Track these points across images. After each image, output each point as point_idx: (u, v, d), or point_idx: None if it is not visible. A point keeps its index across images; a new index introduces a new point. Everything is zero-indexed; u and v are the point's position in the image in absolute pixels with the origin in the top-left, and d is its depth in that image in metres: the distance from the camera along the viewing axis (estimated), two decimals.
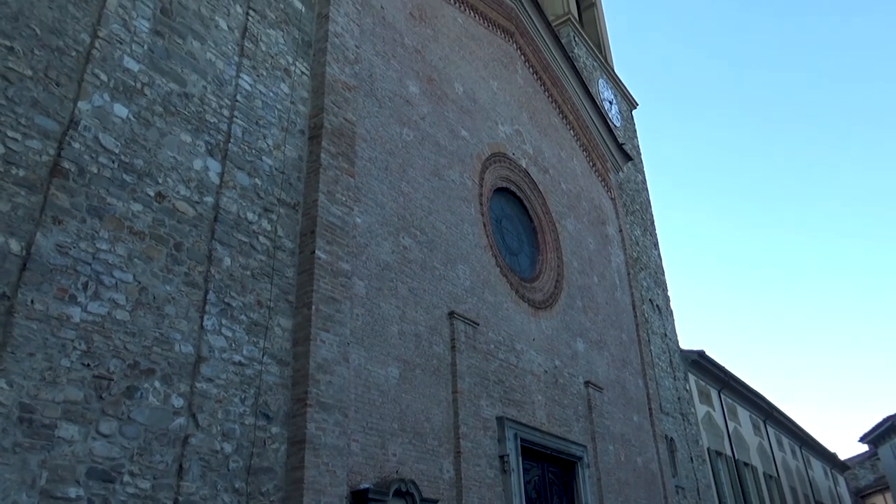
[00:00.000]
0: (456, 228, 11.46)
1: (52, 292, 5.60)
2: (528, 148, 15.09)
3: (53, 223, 5.79)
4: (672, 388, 18.98)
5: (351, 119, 9.61)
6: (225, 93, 8.08)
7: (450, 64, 13.15)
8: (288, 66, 9.18)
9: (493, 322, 11.57)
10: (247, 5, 8.88)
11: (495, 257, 12.34)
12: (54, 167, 5.96)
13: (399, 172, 10.51)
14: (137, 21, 7.23)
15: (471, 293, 11.22)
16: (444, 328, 10.25)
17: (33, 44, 6.16)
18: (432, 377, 9.64)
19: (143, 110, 6.97)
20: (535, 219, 14.66)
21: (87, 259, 5.95)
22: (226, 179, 7.64)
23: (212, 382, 6.65)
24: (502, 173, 13.86)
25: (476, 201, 12.40)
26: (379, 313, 9.06)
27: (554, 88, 17.47)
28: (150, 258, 6.52)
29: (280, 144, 8.57)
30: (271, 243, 7.94)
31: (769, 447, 26.69)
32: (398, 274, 9.69)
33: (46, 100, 6.12)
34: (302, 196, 8.60)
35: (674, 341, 20.70)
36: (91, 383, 5.67)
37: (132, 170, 6.64)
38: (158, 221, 6.73)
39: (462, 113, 12.94)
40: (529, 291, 13.13)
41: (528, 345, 12.30)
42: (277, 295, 7.76)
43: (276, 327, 7.60)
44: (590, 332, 14.78)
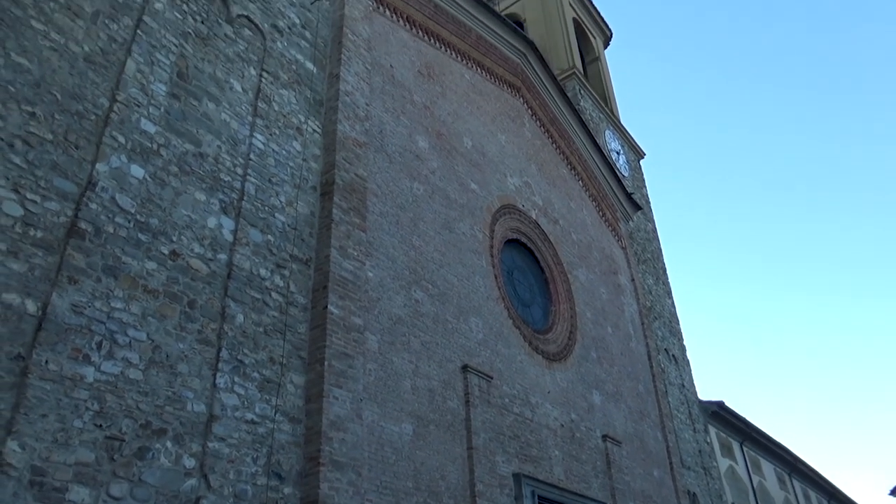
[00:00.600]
0: (468, 281, 11.45)
1: (67, 352, 5.60)
2: (538, 199, 15.19)
3: (69, 283, 5.83)
4: (692, 440, 18.53)
5: (362, 175, 9.74)
6: (239, 152, 8.23)
7: (458, 119, 13.38)
8: (300, 124, 9.37)
9: (507, 375, 11.43)
10: (260, 67, 9.13)
11: (508, 309, 12.28)
12: (71, 228, 6.05)
13: (410, 226, 10.57)
14: (155, 85, 7.43)
15: (484, 346, 11.13)
16: (457, 382, 10.13)
17: (54, 108, 6.33)
18: (447, 433, 9.47)
19: (159, 170, 7.10)
20: (547, 270, 14.64)
21: (101, 318, 5.97)
22: (239, 236, 7.71)
23: (224, 442, 6.56)
24: (512, 225, 13.92)
25: (487, 253, 12.42)
26: (392, 368, 8.98)
27: (561, 140, 17.69)
28: (164, 316, 6.54)
29: (292, 201, 8.68)
30: (284, 299, 7.95)
31: (796, 502, 25.82)
32: (410, 328, 9.64)
33: (66, 162, 6.25)
34: (314, 251, 8.65)
35: (692, 392, 20.32)
36: (103, 444, 5.61)
37: (147, 229, 6.73)
38: (172, 279, 6.77)
39: (471, 166, 13.09)
40: (543, 343, 13.00)
41: (543, 398, 12.11)
42: (290, 351, 7.72)
43: (289, 384, 7.54)
44: (605, 384, 14.55)
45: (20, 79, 6.14)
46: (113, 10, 7.33)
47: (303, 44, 10.12)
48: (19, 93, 6.08)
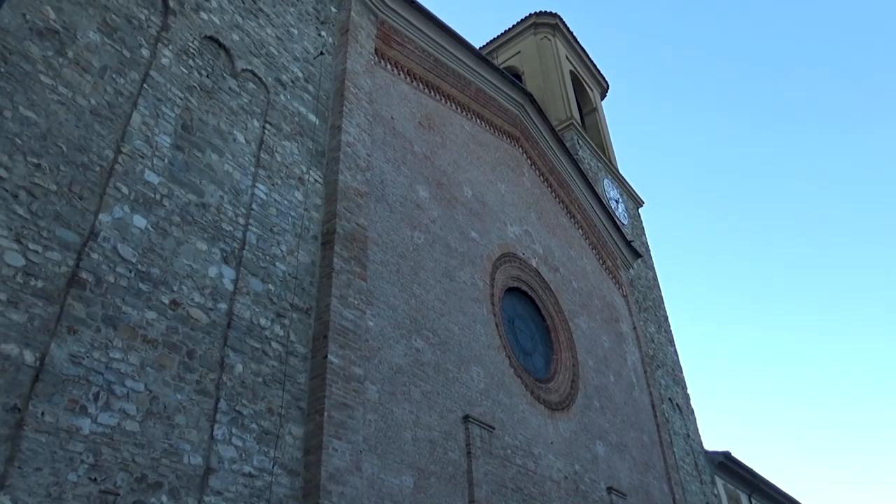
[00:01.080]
0: (468, 329, 11.40)
1: (63, 403, 5.54)
2: (538, 247, 15.25)
3: (68, 333, 5.81)
4: (699, 492, 18.13)
5: (363, 224, 9.80)
6: (241, 202, 8.31)
7: (458, 168, 13.54)
8: (302, 174, 9.48)
9: (510, 425, 11.26)
10: (263, 119, 9.29)
11: (509, 358, 12.19)
12: (72, 278, 6.06)
13: (411, 275, 10.59)
14: (159, 137, 7.56)
15: (485, 395, 11.00)
16: (459, 433, 9.98)
17: (59, 160, 6.42)
18: (448, 486, 9.28)
19: (162, 220, 7.16)
20: (548, 318, 14.58)
21: (99, 369, 5.92)
22: (240, 286, 7.71)
23: (220, 496, 6.43)
24: (513, 273, 13.93)
25: (488, 302, 12.40)
26: (392, 419, 8.86)
27: (561, 189, 17.86)
28: (163, 366, 6.49)
29: (293, 250, 8.71)
30: (284, 349, 7.90)
31: None
32: (411, 377, 9.55)
33: (69, 213, 6.31)
34: (315, 300, 8.64)
35: (697, 442, 19.98)
36: (97, 499, 5.49)
37: (148, 278, 6.74)
38: (172, 329, 6.75)
39: (471, 215, 13.19)
40: (545, 392, 12.86)
41: (546, 449, 11.91)
42: (289, 402, 7.63)
43: (288, 435, 7.42)
44: (609, 435, 14.33)
45: (27, 131, 6.25)
46: (120, 64, 7.51)
47: (305, 96, 10.32)
48: (26, 145, 6.18)
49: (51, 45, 6.82)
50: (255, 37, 9.81)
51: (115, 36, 7.59)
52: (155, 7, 8.36)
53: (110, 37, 7.53)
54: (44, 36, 6.79)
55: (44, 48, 6.73)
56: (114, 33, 7.60)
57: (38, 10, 6.83)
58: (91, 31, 7.32)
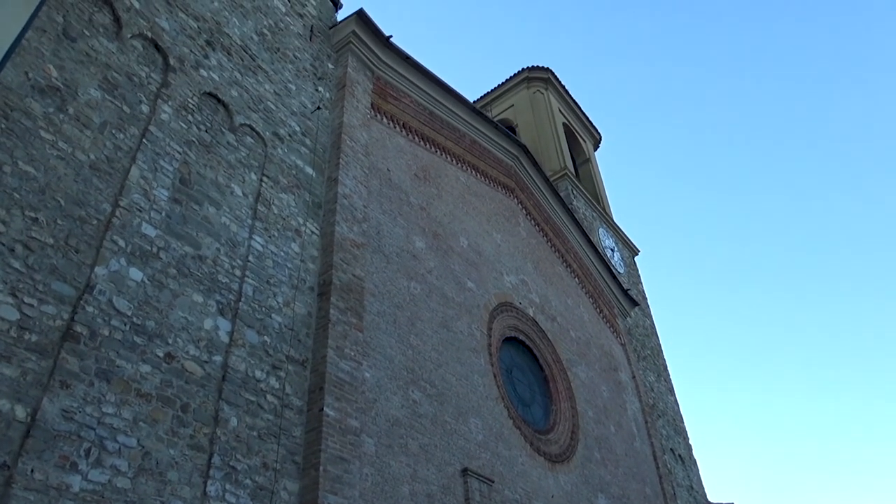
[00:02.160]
0: (466, 380, 11.29)
1: (54, 460, 5.44)
2: (535, 297, 15.23)
3: (61, 388, 5.74)
4: None
5: (359, 275, 9.81)
6: (237, 254, 8.33)
7: (454, 219, 13.64)
8: (299, 226, 9.54)
9: (509, 478, 11.04)
10: (261, 173, 9.40)
11: (507, 409, 12.03)
12: (67, 331, 6.02)
13: (408, 325, 10.54)
14: (157, 190, 7.63)
15: (484, 448, 10.82)
16: (457, 487, 9.77)
17: (57, 214, 6.46)
18: None
19: (158, 273, 7.16)
20: (546, 367, 14.46)
21: (91, 424, 5.83)
22: (235, 338, 7.66)
23: None
24: (510, 323, 13.88)
25: (485, 352, 12.31)
26: (389, 473, 8.69)
27: (556, 239, 17.96)
28: (156, 421, 6.39)
29: (290, 301, 8.69)
30: (279, 402, 7.80)
31: None
32: (408, 430, 9.41)
33: (65, 266, 6.31)
34: (311, 352, 8.58)
35: (701, 494, 19.57)
36: None
37: (143, 331, 6.70)
38: (166, 382, 6.67)
39: (468, 265, 13.22)
40: (545, 444, 12.65)
41: (546, 502, 11.64)
42: (284, 456, 7.50)
43: (283, 491, 7.26)
44: (611, 487, 14.04)
45: (25, 186, 6.30)
46: (120, 120, 7.63)
47: (303, 150, 10.47)
48: (24, 199, 6.23)
49: (52, 102, 6.94)
50: (253, 92, 10.01)
51: (115, 92, 7.74)
52: (155, 65, 8.56)
53: (111, 93, 7.68)
54: (45, 93, 6.92)
55: (45, 105, 6.86)
56: (114, 90, 7.75)
57: (41, 68, 6.98)
58: (92, 88, 7.46)
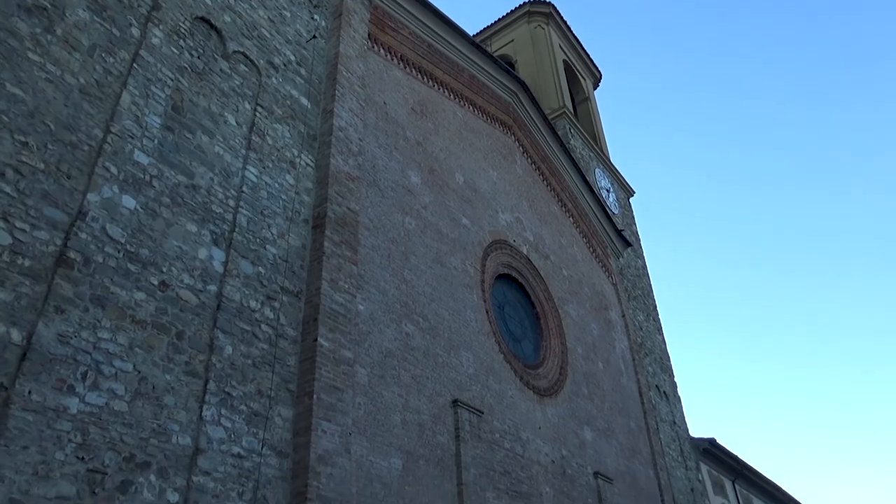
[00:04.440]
0: (458, 315, 11.43)
1: (51, 383, 5.53)
2: (529, 235, 15.27)
3: (56, 313, 5.79)
4: (684, 478, 18.32)
5: (354, 208, 9.79)
6: (231, 184, 8.27)
7: (450, 155, 13.51)
8: (293, 158, 9.44)
9: (498, 410, 11.33)
10: (255, 102, 9.23)
11: (499, 343, 12.23)
12: (60, 257, 6.02)
13: (402, 260, 10.59)
14: (149, 117, 7.50)
15: (474, 380, 11.05)
16: (447, 417, 10.03)
17: (47, 139, 6.36)
18: (436, 468, 9.34)
19: (151, 201, 7.12)
20: (538, 305, 14.63)
21: (87, 349, 5.91)
22: (229, 268, 7.69)
23: (209, 476, 6.44)
24: (504, 260, 13.96)
25: (478, 288, 12.43)
26: (381, 402, 8.90)
27: (552, 178, 17.87)
28: (151, 347, 6.48)
29: (284, 233, 8.69)
30: (273, 331, 7.90)
31: None
32: (401, 361, 9.58)
33: (56, 192, 6.26)
34: (305, 284, 8.64)
35: (683, 429, 20.17)
36: (84, 478, 5.50)
37: (137, 259, 6.71)
38: (161, 310, 6.73)
39: (463, 202, 13.18)
40: (534, 378, 12.93)
41: (534, 433, 11.99)
42: (278, 384, 7.64)
43: (277, 417, 7.44)
44: (597, 420, 14.44)
45: (14, 109, 6.18)
46: (110, 43, 7.43)
47: (298, 80, 10.26)
48: (13, 122, 6.12)
49: (39, 22, 6.73)
50: (247, 18, 9.72)
51: (104, 14, 7.51)
52: None
53: (99, 15, 7.44)
54: (32, 12, 6.70)
55: (31, 24, 6.65)
56: (103, 11, 7.51)
57: None
58: (80, 9, 7.23)
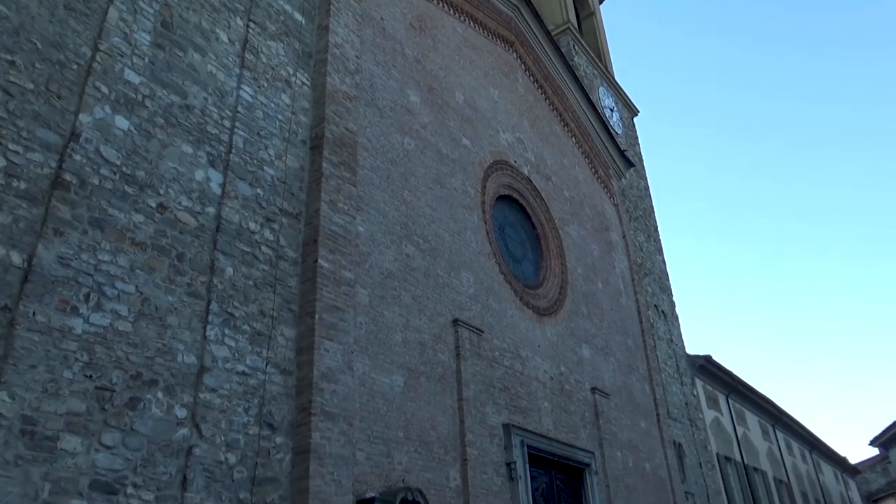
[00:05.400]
0: (459, 236, 11.45)
1: (54, 304, 5.60)
2: (530, 155, 15.10)
3: (55, 235, 5.80)
4: (679, 393, 18.86)
5: (352, 129, 9.63)
6: (226, 104, 8.11)
7: (450, 73, 13.18)
8: (289, 77, 9.21)
9: (498, 329, 11.53)
10: (247, 18, 8.92)
11: (499, 264, 12.32)
12: (56, 179, 5.98)
13: (401, 181, 10.51)
14: (138, 34, 7.27)
15: (475, 301, 11.19)
16: (448, 336, 10.22)
17: (34, 57, 6.19)
18: (437, 385, 9.60)
19: (145, 122, 7.00)
20: (539, 226, 14.64)
21: (88, 270, 5.95)
22: (227, 190, 7.65)
23: (215, 393, 6.63)
24: (504, 181, 13.86)
25: (479, 209, 12.39)
26: (382, 322, 9.04)
27: (555, 97, 17.49)
28: (152, 269, 6.53)
29: (281, 154, 8.59)
30: (274, 253, 7.94)
31: (779, 452, 26.46)
32: (401, 282, 9.67)
33: (48, 113, 6.15)
34: (304, 206, 8.61)
35: (680, 346, 20.60)
36: (93, 395, 5.66)
37: (134, 181, 6.66)
38: (160, 232, 6.74)
39: (463, 121, 12.96)
40: (534, 298, 13.09)
41: (533, 351, 12.25)
42: (280, 304, 7.75)
43: (280, 337, 7.58)
44: (595, 339, 14.72)
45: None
46: None
47: None
48: None
49: None
50: None
51: None
52: None
53: None
54: None
55: None
56: None
57: None
58: None
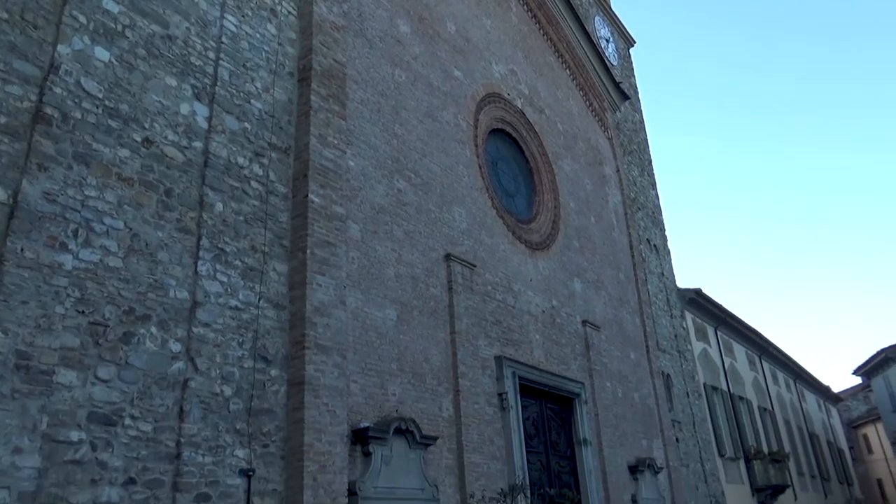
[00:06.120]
0: (451, 171, 11.36)
1: (42, 240, 5.57)
2: (524, 88, 14.83)
3: (39, 170, 5.71)
4: (669, 325, 19.18)
5: (341, 60, 9.39)
6: (209, 34, 7.86)
7: (441, 2, 12.78)
8: (274, 5, 8.91)
9: (490, 264, 11.59)
10: None
11: (491, 199, 12.27)
12: (37, 113, 5.85)
13: (392, 114, 10.34)
14: None
15: (467, 235, 11.20)
16: (440, 270, 10.27)
17: None
18: (430, 319, 9.71)
19: (126, 53, 6.79)
20: (532, 160, 14.52)
21: (75, 206, 5.89)
22: (214, 124, 7.51)
23: (209, 327, 6.69)
24: (497, 114, 13.66)
25: (471, 143, 12.25)
26: (375, 256, 9.06)
27: (549, 26, 17.04)
28: (141, 205, 6.47)
29: (269, 87, 8.40)
30: (264, 188, 7.87)
31: (764, 381, 27.16)
32: (393, 217, 9.65)
33: (24, 44, 5.95)
34: (293, 140, 8.48)
35: (671, 280, 20.81)
36: (87, 330, 5.69)
37: (117, 115, 6.52)
38: (147, 167, 6.64)
39: (455, 53, 12.65)
40: (526, 233, 13.11)
41: (525, 286, 12.35)
42: (272, 240, 7.73)
43: (272, 272, 7.60)
44: (587, 273, 14.84)
45: None
46: None
47: None
48: None
49: None
50: None
51: None
52: None
53: None
54: None
55: None
56: None
57: None
58: None
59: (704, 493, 17.73)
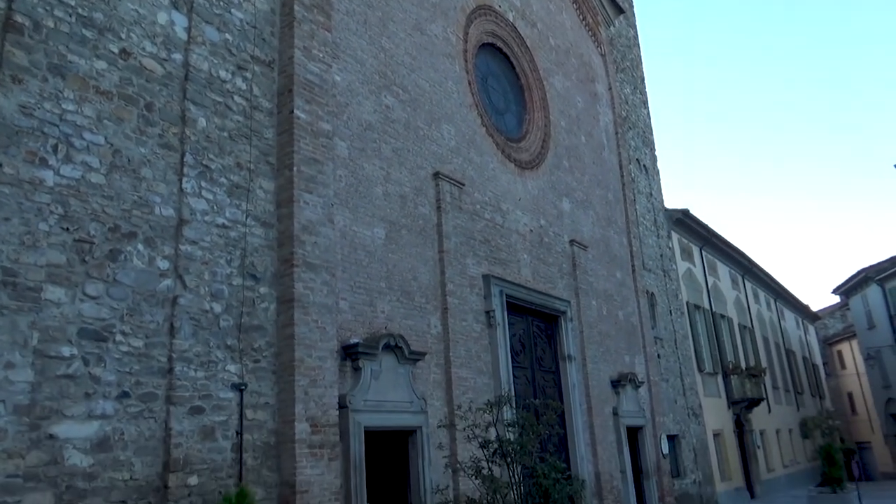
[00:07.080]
0: (440, 87, 11.09)
1: (21, 155, 5.43)
2: (516, 0, 14.30)
3: (13, 82, 5.49)
4: (655, 245, 19.36)
5: None
6: None
7: None
8: None
9: (479, 182, 11.51)
10: None
11: (481, 116, 12.06)
12: (7, 21, 5.57)
13: (379, 27, 9.98)
14: None
15: (456, 153, 11.07)
16: (429, 189, 10.20)
17: None
18: (418, 237, 9.71)
19: None
20: (522, 76, 14.18)
21: (53, 121, 5.72)
22: (193, 35, 7.21)
23: (196, 245, 6.65)
24: (488, 28, 13.22)
25: (461, 58, 11.91)
26: (363, 174, 8.96)
27: None
28: (121, 119, 6.29)
29: None
30: (247, 103, 7.66)
31: (746, 300, 27.75)
32: (381, 134, 9.48)
33: None
34: (277, 52, 8.20)
35: (659, 200, 20.84)
36: (73, 247, 5.65)
37: (92, 24, 6.23)
38: (126, 80, 6.42)
39: None
40: (516, 151, 12.97)
41: (513, 205, 12.33)
42: (257, 156, 7.59)
43: (258, 189, 7.50)
44: (576, 192, 14.81)
45: None
46: None
47: None
48: None
49: None
50: None
51: None
52: None
53: None
54: None
55: None
56: None
57: None
58: None
59: (682, 405, 18.41)
